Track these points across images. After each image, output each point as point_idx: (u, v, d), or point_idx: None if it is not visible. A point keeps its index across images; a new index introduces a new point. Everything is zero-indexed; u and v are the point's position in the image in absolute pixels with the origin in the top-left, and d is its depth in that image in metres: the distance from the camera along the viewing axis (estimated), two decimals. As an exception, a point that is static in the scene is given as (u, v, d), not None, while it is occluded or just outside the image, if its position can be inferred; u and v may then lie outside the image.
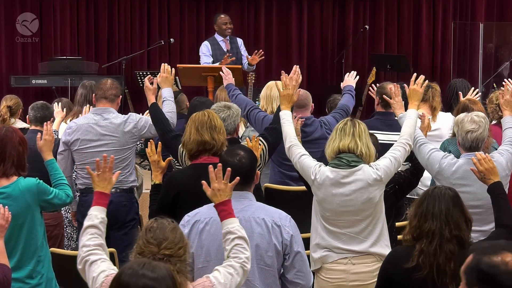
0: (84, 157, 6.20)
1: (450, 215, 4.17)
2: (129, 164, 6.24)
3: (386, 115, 6.81)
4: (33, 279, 5.05)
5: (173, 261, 3.45)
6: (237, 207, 4.24)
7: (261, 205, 4.42)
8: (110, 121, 6.20)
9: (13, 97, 7.97)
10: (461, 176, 5.48)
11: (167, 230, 3.52)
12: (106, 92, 6.26)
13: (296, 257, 4.31)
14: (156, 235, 3.50)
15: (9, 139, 5.04)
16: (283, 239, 4.28)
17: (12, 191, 5.00)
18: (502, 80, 6.71)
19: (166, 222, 3.57)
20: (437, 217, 4.15)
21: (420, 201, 4.27)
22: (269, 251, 4.24)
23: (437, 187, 4.30)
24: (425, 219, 4.18)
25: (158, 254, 3.45)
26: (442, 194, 4.21)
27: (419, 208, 4.23)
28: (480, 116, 5.59)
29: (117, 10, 12.37)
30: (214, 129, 5.22)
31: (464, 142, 5.53)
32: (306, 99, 6.75)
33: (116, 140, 6.20)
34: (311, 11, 12.51)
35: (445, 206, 4.17)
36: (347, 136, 5.06)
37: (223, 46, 10.83)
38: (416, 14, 12.50)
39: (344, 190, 5.07)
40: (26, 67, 12.28)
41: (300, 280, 4.34)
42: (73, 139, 6.22)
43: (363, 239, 5.10)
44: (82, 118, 6.41)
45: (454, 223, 4.15)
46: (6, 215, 4.59)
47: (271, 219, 4.31)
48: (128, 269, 3.02)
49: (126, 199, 6.23)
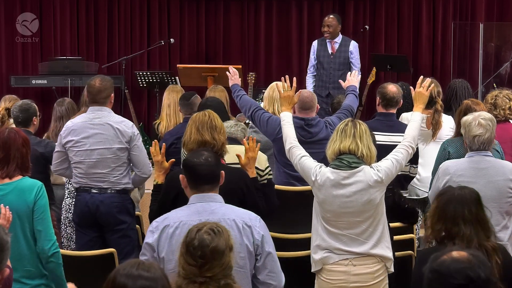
0: (79, 155, 6.19)
1: (482, 218, 4.12)
2: (122, 165, 6.22)
3: (387, 116, 6.78)
4: (32, 280, 5.03)
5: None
6: (206, 209, 4.27)
7: (230, 206, 4.40)
8: (103, 120, 6.20)
9: (12, 98, 7.96)
10: (464, 174, 5.50)
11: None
12: (95, 96, 6.25)
13: (268, 258, 4.28)
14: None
15: (13, 141, 5.01)
16: (254, 239, 4.26)
17: (14, 189, 4.97)
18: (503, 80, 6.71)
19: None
20: (470, 222, 4.09)
21: (443, 204, 4.18)
22: (241, 252, 4.22)
23: (456, 190, 4.21)
24: (454, 222, 4.11)
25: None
26: (469, 197, 4.13)
27: (443, 213, 4.15)
28: (487, 119, 5.59)
29: (117, 10, 12.36)
30: (215, 129, 5.25)
31: (471, 144, 5.57)
32: (311, 101, 6.73)
33: (108, 138, 6.18)
34: (311, 11, 12.50)
35: (476, 210, 4.12)
36: (348, 137, 5.05)
37: (328, 47, 10.70)
38: (416, 14, 12.49)
39: (345, 192, 5.06)
40: (26, 67, 12.26)
41: (271, 281, 4.30)
42: (68, 139, 6.22)
43: (364, 240, 5.09)
44: (78, 118, 6.41)
45: (485, 225, 4.12)
46: (7, 215, 4.59)
47: (241, 219, 4.29)
48: (122, 270, 3.02)
49: (118, 200, 6.21)
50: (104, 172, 6.18)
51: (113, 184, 6.20)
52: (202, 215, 4.26)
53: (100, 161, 6.17)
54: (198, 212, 4.29)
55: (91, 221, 6.21)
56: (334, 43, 10.66)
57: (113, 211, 6.19)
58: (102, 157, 6.17)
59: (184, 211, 4.35)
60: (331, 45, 10.66)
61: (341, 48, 10.63)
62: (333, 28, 10.61)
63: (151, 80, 10.99)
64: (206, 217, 4.19)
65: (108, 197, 6.18)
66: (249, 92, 10.00)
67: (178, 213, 4.34)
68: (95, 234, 6.24)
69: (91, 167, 6.18)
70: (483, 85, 11.32)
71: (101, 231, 6.25)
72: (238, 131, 6.02)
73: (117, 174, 6.21)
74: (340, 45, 10.65)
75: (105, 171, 6.18)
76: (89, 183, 6.20)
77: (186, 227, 4.12)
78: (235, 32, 12.55)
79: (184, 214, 4.31)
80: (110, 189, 6.20)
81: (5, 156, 4.98)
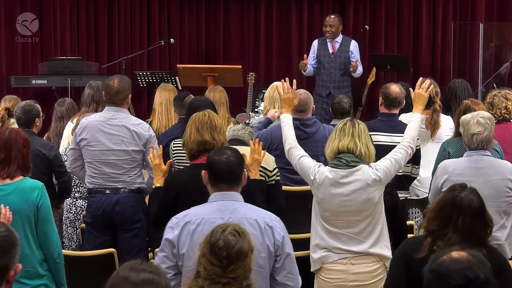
0: (93, 155, 6.19)
1: (473, 230, 4.03)
2: (137, 166, 6.22)
3: (389, 116, 6.77)
4: (32, 280, 5.02)
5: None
6: (228, 208, 4.26)
7: (251, 206, 4.39)
8: (120, 121, 6.18)
9: (12, 98, 7.95)
10: (462, 173, 5.51)
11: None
12: (113, 97, 6.21)
13: (287, 259, 4.28)
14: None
15: (14, 142, 5.01)
16: (275, 240, 4.25)
17: (15, 189, 4.97)
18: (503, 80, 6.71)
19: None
20: (459, 231, 4.02)
21: (444, 204, 4.12)
22: (262, 252, 4.22)
23: (463, 194, 4.10)
24: (446, 224, 4.06)
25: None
26: (468, 206, 4.05)
27: (440, 211, 4.11)
28: (485, 118, 5.59)
29: (117, 10, 12.37)
30: (214, 129, 5.27)
31: (470, 143, 5.57)
32: (306, 104, 6.71)
33: (124, 140, 6.17)
34: (311, 11, 12.51)
35: (469, 221, 4.03)
36: (346, 136, 5.07)
37: (329, 47, 10.68)
38: (416, 14, 12.49)
39: (343, 190, 5.07)
40: (26, 67, 12.27)
41: (290, 282, 4.30)
42: (82, 137, 6.21)
43: (363, 239, 5.10)
44: (94, 116, 6.37)
45: (476, 237, 4.03)
46: (7, 216, 4.59)
47: (263, 220, 4.28)
48: (125, 266, 3.03)
49: (134, 199, 6.21)
50: (119, 173, 6.18)
51: (128, 184, 6.20)
52: (224, 213, 4.25)
53: (116, 163, 6.16)
54: (220, 210, 4.28)
55: (106, 222, 6.19)
56: (335, 43, 10.67)
57: (129, 211, 6.19)
58: (117, 158, 6.16)
59: (206, 208, 4.32)
60: (332, 44, 10.66)
61: (341, 48, 10.64)
62: (335, 28, 10.63)
63: (151, 80, 10.99)
64: (228, 216, 4.19)
65: (123, 197, 6.17)
66: (249, 92, 10.01)
67: (199, 210, 4.32)
68: (107, 237, 6.22)
69: (106, 167, 6.17)
70: (483, 85, 11.32)
71: (113, 232, 6.24)
72: (246, 134, 6.05)
73: (132, 175, 6.21)
74: (341, 45, 10.66)
75: (120, 172, 6.18)
76: (103, 184, 6.19)
77: (208, 225, 4.14)
78: (235, 32, 12.55)
79: (205, 212, 4.29)
80: (124, 189, 6.19)
81: (6, 157, 4.98)
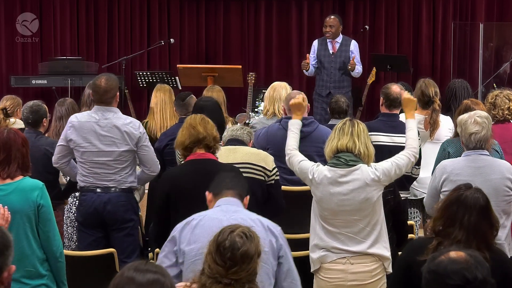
0: (84, 156, 6.19)
1: (479, 228, 4.03)
2: (128, 165, 6.23)
3: (390, 117, 6.75)
4: (33, 280, 5.02)
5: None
6: (229, 209, 4.28)
7: (251, 212, 4.42)
8: (111, 121, 6.19)
9: (10, 98, 7.96)
10: (461, 172, 5.51)
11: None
12: (102, 97, 6.21)
13: (292, 267, 4.30)
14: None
15: (13, 142, 5.00)
16: (277, 241, 4.27)
17: (15, 189, 4.97)
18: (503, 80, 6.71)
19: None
20: (465, 229, 4.01)
21: (449, 203, 4.11)
22: (265, 246, 4.23)
23: (468, 192, 4.11)
24: (451, 223, 4.05)
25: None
26: (473, 204, 4.04)
27: (445, 210, 4.09)
28: (483, 117, 5.60)
29: (117, 10, 12.37)
30: (207, 123, 5.42)
31: (468, 143, 5.57)
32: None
33: (115, 141, 6.18)
34: (311, 11, 12.51)
35: (475, 219, 4.03)
36: (345, 136, 5.08)
37: (329, 47, 10.66)
38: (416, 14, 12.49)
39: (342, 189, 5.08)
40: (26, 67, 12.28)
41: None
42: (72, 138, 6.21)
43: (362, 239, 5.11)
44: (83, 115, 6.35)
45: (481, 236, 4.02)
46: (6, 215, 4.58)
47: (266, 222, 4.31)
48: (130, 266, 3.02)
49: (125, 198, 6.23)
50: (111, 172, 6.19)
51: (119, 183, 6.21)
52: (227, 213, 4.28)
53: (107, 163, 6.17)
54: (222, 210, 4.31)
55: (97, 221, 6.20)
56: (335, 43, 10.66)
57: (120, 210, 6.20)
58: (108, 159, 6.16)
59: (208, 211, 4.37)
60: (332, 44, 10.66)
61: (342, 48, 10.63)
62: (335, 28, 10.62)
63: (151, 80, 10.99)
64: (230, 216, 4.21)
65: (114, 196, 6.19)
66: (249, 92, 10.01)
67: (202, 211, 4.36)
68: (100, 234, 6.23)
69: (97, 168, 6.18)
70: (483, 85, 11.32)
71: (105, 231, 6.25)
72: (244, 134, 6.08)
73: (123, 174, 6.22)
74: (341, 45, 10.65)
75: (111, 171, 6.19)
76: (94, 182, 6.20)
77: (211, 220, 4.19)
78: (235, 32, 12.55)
79: (209, 212, 4.34)
80: (115, 188, 6.20)
81: (6, 157, 4.98)
